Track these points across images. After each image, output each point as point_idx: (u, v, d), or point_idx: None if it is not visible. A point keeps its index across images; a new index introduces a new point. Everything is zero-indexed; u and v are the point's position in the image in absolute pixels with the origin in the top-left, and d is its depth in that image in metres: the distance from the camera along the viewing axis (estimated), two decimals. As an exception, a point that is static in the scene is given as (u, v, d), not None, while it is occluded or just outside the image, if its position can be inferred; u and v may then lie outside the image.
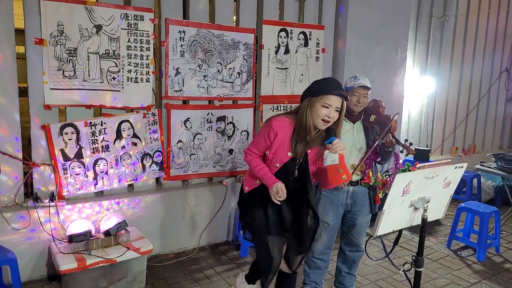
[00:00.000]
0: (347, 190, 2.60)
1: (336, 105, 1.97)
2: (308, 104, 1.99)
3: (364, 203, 2.62)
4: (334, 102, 1.96)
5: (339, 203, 2.62)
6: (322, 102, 1.96)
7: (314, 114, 1.97)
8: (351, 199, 2.61)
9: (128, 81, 3.17)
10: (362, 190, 2.61)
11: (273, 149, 2.06)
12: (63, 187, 3.01)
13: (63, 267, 2.57)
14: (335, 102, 1.96)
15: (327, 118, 1.96)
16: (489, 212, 3.67)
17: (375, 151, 2.55)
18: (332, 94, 1.96)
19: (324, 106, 1.95)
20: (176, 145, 3.49)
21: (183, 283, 3.04)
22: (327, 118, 1.96)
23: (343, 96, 1.99)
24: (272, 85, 3.89)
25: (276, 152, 2.06)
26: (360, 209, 2.63)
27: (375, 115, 2.50)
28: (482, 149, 6.35)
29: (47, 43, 2.83)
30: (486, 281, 3.24)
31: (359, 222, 2.65)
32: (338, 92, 1.98)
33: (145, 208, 3.36)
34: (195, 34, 3.40)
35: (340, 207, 2.64)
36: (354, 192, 2.60)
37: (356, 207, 2.62)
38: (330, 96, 1.96)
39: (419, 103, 5.35)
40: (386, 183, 2.54)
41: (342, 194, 2.61)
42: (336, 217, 2.65)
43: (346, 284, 2.87)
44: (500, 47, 6.20)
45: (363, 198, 2.62)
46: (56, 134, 2.94)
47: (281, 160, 2.05)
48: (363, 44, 4.26)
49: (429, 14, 5.21)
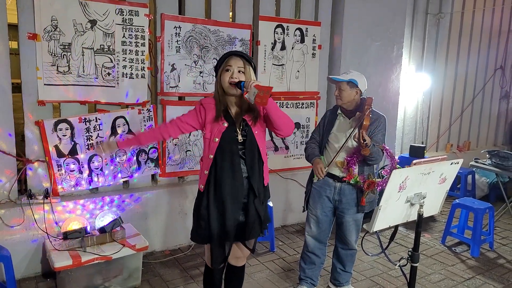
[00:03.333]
0: (334, 185, 2.61)
1: (237, 65, 2.02)
2: (218, 77, 2.07)
3: (351, 202, 2.61)
4: (234, 63, 2.02)
5: (326, 196, 2.64)
6: (224, 67, 2.04)
7: (222, 82, 2.04)
8: (338, 196, 2.62)
9: (123, 77, 3.14)
10: (349, 188, 2.60)
11: (208, 127, 2.07)
12: (57, 183, 2.99)
13: (58, 264, 2.55)
14: (235, 62, 2.02)
15: (232, 80, 2.01)
16: (483, 209, 3.69)
17: (359, 149, 2.51)
18: (229, 56, 2.05)
19: (227, 69, 2.02)
20: (172, 142, 3.47)
21: (179, 280, 3.04)
22: (231, 80, 2.01)
23: (241, 55, 2.06)
24: (269, 81, 3.88)
25: (213, 127, 2.06)
26: (347, 207, 2.62)
27: (359, 112, 2.50)
28: (476, 146, 6.39)
29: (40, 38, 2.79)
30: (480, 276, 3.27)
31: (346, 220, 2.65)
32: (234, 52, 2.08)
33: (141, 205, 3.34)
34: (191, 30, 3.38)
35: (328, 200, 2.65)
36: (341, 189, 2.60)
37: (343, 204, 2.63)
38: (229, 59, 2.04)
39: (414, 100, 5.37)
40: (372, 185, 2.49)
41: (329, 188, 2.62)
42: (323, 210, 2.66)
43: (341, 280, 2.88)
44: (495, 44, 6.23)
45: (350, 197, 2.61)
46: (50, 130, 2.91)
47: (219, 132, 2.04)
48: (359, 41, 4.26)
49: (425, 11, 5.22)
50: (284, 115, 2.09)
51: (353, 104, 2.58)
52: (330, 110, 2.75)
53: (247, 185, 2.09)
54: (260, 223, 2.15)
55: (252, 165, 2.08)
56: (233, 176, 2.05)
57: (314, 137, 2.75)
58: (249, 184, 2.09)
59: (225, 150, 2.04)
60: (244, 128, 2.07)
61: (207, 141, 2.08)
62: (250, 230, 2.11)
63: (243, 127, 2.07)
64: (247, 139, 2.06)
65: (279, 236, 3.88)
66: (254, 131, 2.08)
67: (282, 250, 3.61)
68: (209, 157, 2.06)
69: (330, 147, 2.63)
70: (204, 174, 2.11)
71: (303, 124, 4.19)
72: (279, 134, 2.14)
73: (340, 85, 2.52)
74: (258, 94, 1.88)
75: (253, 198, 2.09)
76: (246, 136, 2.07)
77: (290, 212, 4.17)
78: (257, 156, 2.10)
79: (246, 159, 2.07)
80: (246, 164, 2.07)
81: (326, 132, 2.65)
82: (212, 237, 2.09)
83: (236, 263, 2.32)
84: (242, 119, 2.07)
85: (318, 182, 2.67)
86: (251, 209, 2.09)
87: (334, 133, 2.62)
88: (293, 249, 3.63)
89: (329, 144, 2.63)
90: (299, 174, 4.08)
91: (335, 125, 2.63)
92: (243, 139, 2.06)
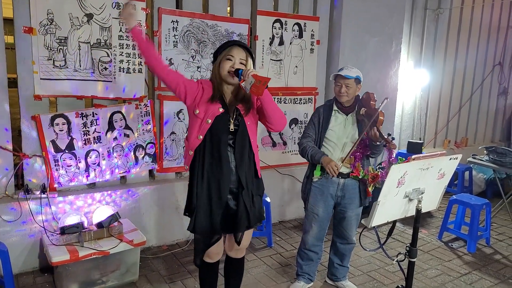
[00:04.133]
0: (337, 182, 2.60)
1: (240, 57, 2.01)
2: (217, 63, 2.05)
3: (354, 196, 2.62)
4: (237, 54, 2.01)
5: (329, 194, 2.63)
6: (225, 55, 2.02)
7: (221, 70, 2.01)
8: (341, 192, 2.62)
9: (120, 71, 3.12)
10: (352, 183, 2.61)
11: (202, 107, 2.01)
12: (54, 178, 2.98)
13: (56, 259, 2.55)
14: (237, 53, 2.01)
15: (232, 69, 1.99)
16: (480, 204, 3.70)
17: (365, 144, 2.53)
18: (233, 45, 2.03)
19: (228, 58, 2.01)
20: (169, 137, 3.46)
21: (176, 275, 3.04)
22: (232, 69, 1.99)
23: (245, 47, 2.05)
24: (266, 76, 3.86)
25: (207, 108, 2.01)
26: (350, 202, 2.63)
27: (365, 108, 2.49)
28: (474, 142, 6.41)
29: (36, 32, 2.77)
30: (476, 271, 3.28)
31: (348, 215, 2.66)
32: (239, 43, 2.06)
33: (138, 200, 3.33)
34: (188, 24, 3.36)
35: (330, 198, 2.64)
36: (345, 185, 2.61)
37: (346, 200, 2.63)
38: (232, 48, 2.02)
39: (412, 96, 5.37)
40: (377, 177, 2.53)
41: (332, 185, 2.61)
42: (326, 208, 2.66)
43: (338, 275, 2.89)
44: (494, 40, 6.23)
45: (353, 191, 2.62)
46: (46, 125, 2.89)
47: (213, 114, 2.01)
48: (358, 37, 4.25)
49: (423, 7, 5.20)
50: (277, 109, 2.08)
51: (351, 100, 2.58)
52: (322, 107, 2.69)
53: (236, 176, 2.06)
54: (247, 217, 2.08)
55: (241, 155, 2.05)
56: (219, 165, 2.01)
57: (309, 135, 2.65)
58: (237, 174, 2.05)
59: (215, 134, 2.01)
60: (237, 118, 2.05)
61: (199, 121, 2.02)
62: (238, 221, 2.07)
63: (236, 116, 2.05)
64: (239, 129, 2.04)
65: (276, 232, 3.88)
66: (247, 122, 2.06)
67: (280, 246, 3.61)
68: (198, 137, 2.02)
69: (329, 144, 2.62)
70: (189, 155, 2.08)
71: (300, 119, 4.18)
72: (271, 128, 2.12)
73: (348, 82, 2.51)
74: (254, 84, 1.87)
75: (241, 189, 2.06)
76: (238, 126, 2.05)
77: (288, 208, 4.18)
78: (248, 147, 2.08)
79: (236, 148, 2.04)
80: (234, 153, 2.04)
81: (322, 129, 2.62)
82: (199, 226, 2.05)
83: (235, 255, 2.31)
84: (235, 108, 2.05)
85: (319, 181, 2.64)
86: (240, 201, 2.06)
87: (332, 130, 2.60)
88: (290, 245, 3.64)
89: (327, 141, 2.62)
90: (296, 169, 4.08)
91: (332, 121, 2.61)
92: (234, 129, 2.04)
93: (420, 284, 3.05)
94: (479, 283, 3.11)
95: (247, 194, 2.07)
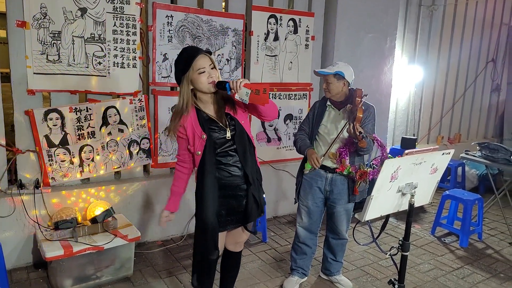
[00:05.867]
0: (325, 176, 2.62)
1: (208, 64, 1.95)
2: (186, 82, 1.96)
3: (343, 192, 2.63)
4: (204, 63, 1.93)
5: (317, 187, 2.65)
6: (196, 70, 1.93)
7: (199, 85, 1.95)
8: (329, 186, 2.63)
9: (114, 66, 3.10)
10: (341, 179, 2.61)
11: (191, 142, 2.04)
12: (48, 174, 2.96)
13: (49, 254, 2.54)
14: (204, 62, 1.93)
15: (211, 79, 1.94)
16: (473, 200, 3.74)
17: (351, 141, 2.52)
18: (195, 58, 1.93)
19: (200, 72, 1.93)
20: (164, 132, 3.45)
21: (171, 270, 3.04)
22: (211, 79, 1.94)
23: (204, 52, 1.97)
24: (261, 72, 3.86)
25: (195, 140, 2.02)
26: (338, 198, 2.64)
27: (351, 104, 2.50)
28: (467, 138, 6.46)
29: (30, 26, 2.74)
30: (468, 266, 3.32)
31: (337, 210, 2.67)
32: (197, 52, 1.95)
33: (133, 195, 3.33)
34: (183, 19, 3.34)
35: (319, 191, 2.66)
36: (333, 180, 2.62)
37: (334, 195, 2.64)
38: (196, 62, 1.92)
39: (406, 92, 5.39)
40: (365, 174, 2.51)
41: (320, 179, 2.64)
42: (314, 201, 2.68)
43: (332, 270, 2.91)
44: (487, 37, 6.26)
45: (342, 187, 2.63)
46: (40, 120, 2.88)
47: (201, 145, 2.01)
48: (353, 32, 4.26)
49: (418, 3, 5.22)
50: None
51: (342, 96, 2.58)
52: (319, 102, 2.73)
53: (242, 171, 2.08)
54: (258, 207, 2.14)
55: (244, 155, 2.06)
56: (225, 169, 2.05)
57: (303, 128, 2.72)
58: (243, 171, 2.07)
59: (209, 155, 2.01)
60: (231, 123, 2.04)
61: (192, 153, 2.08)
62: (250, 213, 2.11)
63: (229, 122, 2.03)
64: (236, 133, 2.04)
65: (271, 227, 3.90)
66: (241, 121, 2.06)
67: (274, 241, 3.63)
68: (196, 153, 2.05)
69: (320, 138, 2.64)
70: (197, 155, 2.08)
71: (295, 115, 4.19)
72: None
73: (327, 78, 2.53)
74: (252, 94, 1.80)
75: (249, 185, 2.09)
76: (235, 129, 2.04)
77: (282, 203, 4.19)
78: (248, 144, 2.09)
79: (238, 152, 2.05)
80: (238, 156, 2.06)
81: (316, 124, 2.64)
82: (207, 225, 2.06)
83: (235, 248, 2.32)
84: (225, 114, 2.03)
85: (309, 173, 2.67)
86: (249, 196, 2.09)
87: (324, 124, 2.62)
88: (284, 240, 3.65)
89: (320, 136, 2.64)
90: (291, 165, 4.09)
91: (325, 116, 2.63)
92: (231, 135, 2.03)
93: (413, 278, 3.08)
94: (471, 277, 3.15)
95: (255, 188, 2.11)
